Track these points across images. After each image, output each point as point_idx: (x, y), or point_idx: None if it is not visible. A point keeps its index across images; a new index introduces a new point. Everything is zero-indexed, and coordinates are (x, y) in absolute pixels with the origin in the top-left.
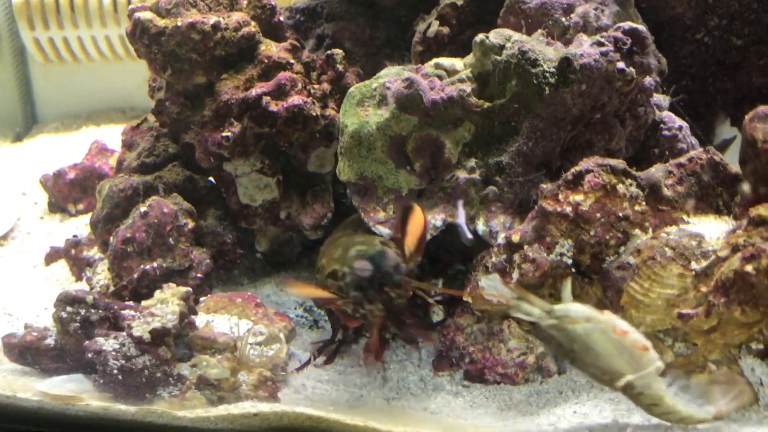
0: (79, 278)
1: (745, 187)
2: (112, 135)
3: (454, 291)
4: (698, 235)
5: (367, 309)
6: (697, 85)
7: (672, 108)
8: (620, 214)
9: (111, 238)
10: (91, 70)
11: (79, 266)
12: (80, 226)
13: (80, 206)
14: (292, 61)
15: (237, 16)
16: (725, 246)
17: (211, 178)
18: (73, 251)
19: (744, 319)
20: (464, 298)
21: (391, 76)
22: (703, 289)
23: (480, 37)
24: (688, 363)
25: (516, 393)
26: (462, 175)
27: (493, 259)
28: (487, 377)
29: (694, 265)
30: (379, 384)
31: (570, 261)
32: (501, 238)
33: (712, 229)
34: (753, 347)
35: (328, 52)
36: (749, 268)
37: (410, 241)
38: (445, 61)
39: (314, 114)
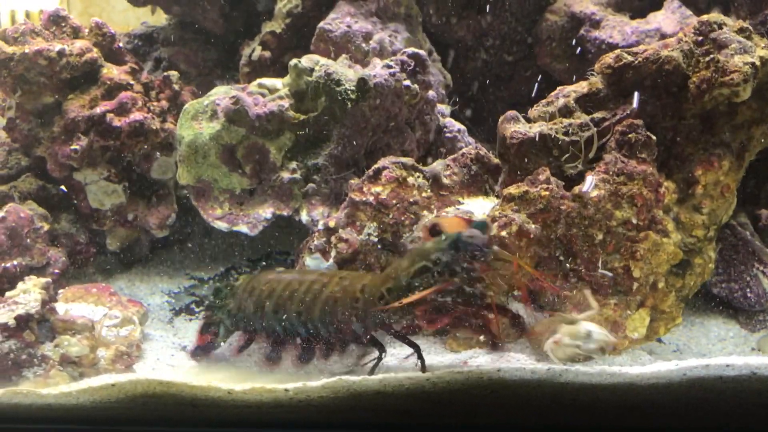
0: None
1: (502, 173)
2: None
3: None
4: (469, 212)
5: (477, 279)
6: (481, 95)
7: (453, 115)
8: (411, 200)
9: None
10: None
11: None
12: None
13: None
14: (132, 82)
15: (80, 43)
16: (487, 218)
17: (63, 187)
18: None
19: (503, 272)
20: None
21: (220, 94)
22: None
23: (294, 61)
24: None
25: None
26: (286, 175)
27: (315, 242)
28: None
29: None
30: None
31: (376, 239)
32: (320, 225)
33: (480, 207)
34: (515, 294)
35: (165, 73)
36: (503, 233)
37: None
38: (267, 81)
39: (154, 128)
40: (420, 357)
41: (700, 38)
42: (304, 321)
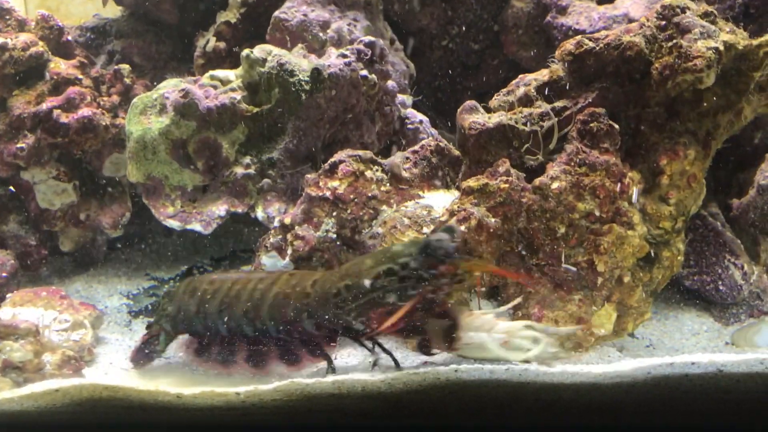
0: None
1: (463, 165)
2: None
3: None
4: (429, 206)
5: (442, 285)
6: (448, 84)
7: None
8: (369, 195)
9: None
10: None
11: None
12: None
13: None
14: (80, 76)
15: (25, 37)
16: (445, 212)
17: (11, 187)
18: None
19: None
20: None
21: (170, 87)
22: None
23: (245, 51)
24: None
25: None
26: (239, 170)
27: (271, 240)
28: None
29: (425, 229)
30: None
31: (334, 236)
32: (276, 222)
33: (440, 201)
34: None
35: (115, 67)
36: (462, 227)
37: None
38: (220, 72)
39: (104, 123)
40: (376, 361)
41: (663, 23)
42: (251, 319)
